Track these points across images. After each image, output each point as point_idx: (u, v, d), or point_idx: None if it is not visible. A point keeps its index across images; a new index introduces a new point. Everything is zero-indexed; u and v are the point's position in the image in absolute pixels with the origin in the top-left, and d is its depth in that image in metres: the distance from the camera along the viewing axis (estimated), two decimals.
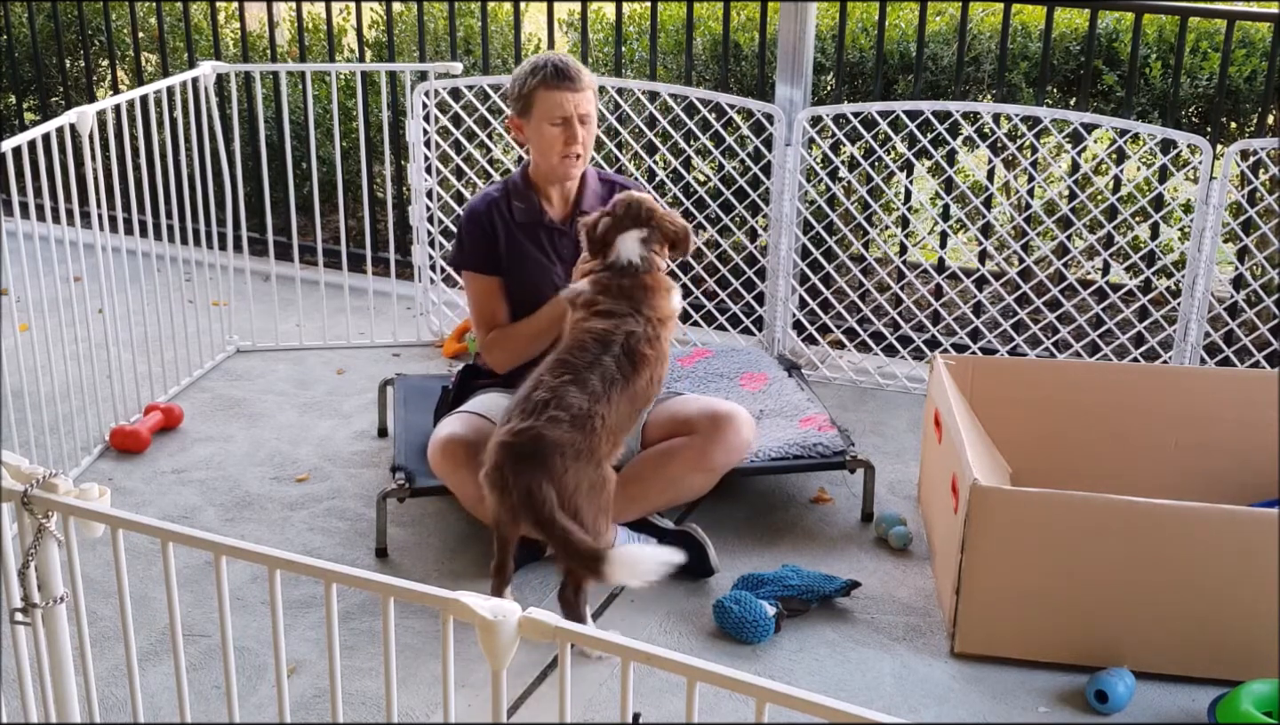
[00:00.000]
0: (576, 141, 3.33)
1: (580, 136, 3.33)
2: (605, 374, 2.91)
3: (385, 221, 5.56)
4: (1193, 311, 4.01)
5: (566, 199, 3.47)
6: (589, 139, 3.38)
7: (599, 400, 2.87)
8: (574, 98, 3.31)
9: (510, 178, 3.49)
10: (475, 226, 3.43)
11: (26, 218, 5.27)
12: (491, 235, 3.41)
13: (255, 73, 4.75)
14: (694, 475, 3.30)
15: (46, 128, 3.61)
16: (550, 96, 3.30)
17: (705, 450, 3.26)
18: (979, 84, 4.78)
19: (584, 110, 3.33)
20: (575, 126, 3.32)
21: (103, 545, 1.92)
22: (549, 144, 3.35)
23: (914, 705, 2.84)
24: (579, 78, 3.32)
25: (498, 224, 3.41)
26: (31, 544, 1.87)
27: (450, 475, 3.21)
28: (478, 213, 3.43)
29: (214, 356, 4.57)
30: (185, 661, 2.05)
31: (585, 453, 2.83)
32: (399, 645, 2.94)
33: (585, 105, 3.33)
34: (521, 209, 3.42)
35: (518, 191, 3.44)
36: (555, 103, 3.30)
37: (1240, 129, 4.66)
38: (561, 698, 1.65)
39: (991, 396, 3.59)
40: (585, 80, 3.34)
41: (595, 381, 2.89)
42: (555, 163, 3.37)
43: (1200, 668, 2.90)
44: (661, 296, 3.06)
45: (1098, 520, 2.85)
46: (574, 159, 3.36)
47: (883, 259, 5.00)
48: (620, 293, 3.02)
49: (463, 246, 3.46)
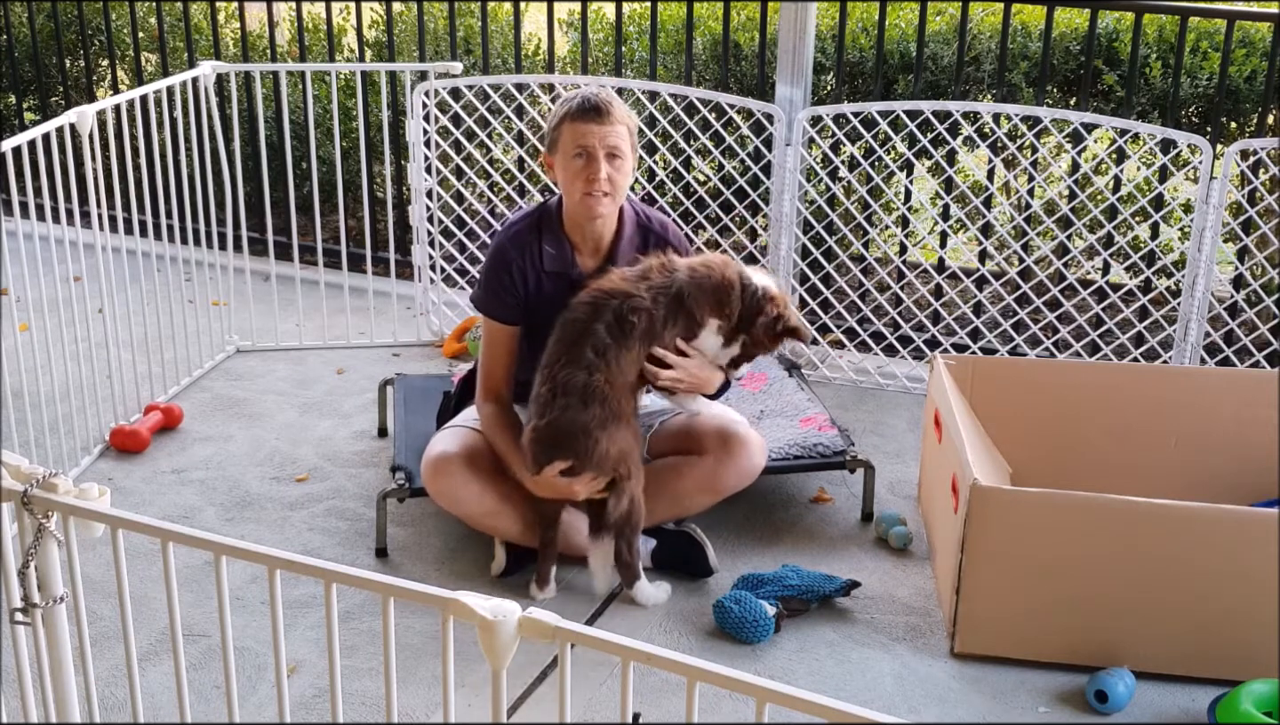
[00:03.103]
0: (598, 176, 3.08)
1: (603, 172, 3.08)
2: (597, 343, 2.99)
3: (385, 221, 5.56)
4: (1193, 311, 4.01)
5: (599, 248, 3.24)
6: (618, 178, 3.12)
7: (596, 368, 2.98)
8: (599, 130, 3.08)
9: (546, 208, 3.26)
10: (501, 271, 3.21)
11: (26, 218, 5.27)
12: (514, 283, 3.21)
13: (255, 73, 4.75)
14: (701, 495, 3.28)
15: (46, 128, 3.61)
16: (574, 129, 3.09)
17: (715, 472, 3.24)
18: (979, 84, 4.78)
19: (611, 144, 3.09)
20: (598, 160, 3.08)
21: (103, 545, 1.92)
22: (571, 178, 3.12)
23: (914, 705, 2.84)
24: (607, 111, 3.09)
25: (527, 268, 3.21)
26: (31, 544, 1.87)
27: (444, 495, 3.19)
28: (506, 255, 3.21)
29: (214, 356, 4.57)
30: (185, 661, 2.05)
31: (605, 419, 2.99)
32: (399, 645, 2.94)
33: (613, 139, 3.09)
34: (552, 256, 3.20)
35: (550, 231, 3.22)
36: (578, 134, 3.09)
37: (1240, 129, 4.66)
38: (561, 698, 1.65)
39: (991, 396, 3.59)
40: (615, 115, 3.10)
41: (589, 353, 2.98)
42: (577, 200, 3.13)
43: (1200, 668, 2.90)
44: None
45: (1098, 520, 2.85)
46: (598, 197, 3.10)
47: (883, 259, 5.00)
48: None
49: (484, 288, 3.26)
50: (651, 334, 3.04)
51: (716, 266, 3.10)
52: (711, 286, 3.07)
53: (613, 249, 3.24)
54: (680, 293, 3.05)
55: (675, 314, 3.06)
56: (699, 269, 3.09)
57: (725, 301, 3.08)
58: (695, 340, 3.11)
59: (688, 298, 3.06)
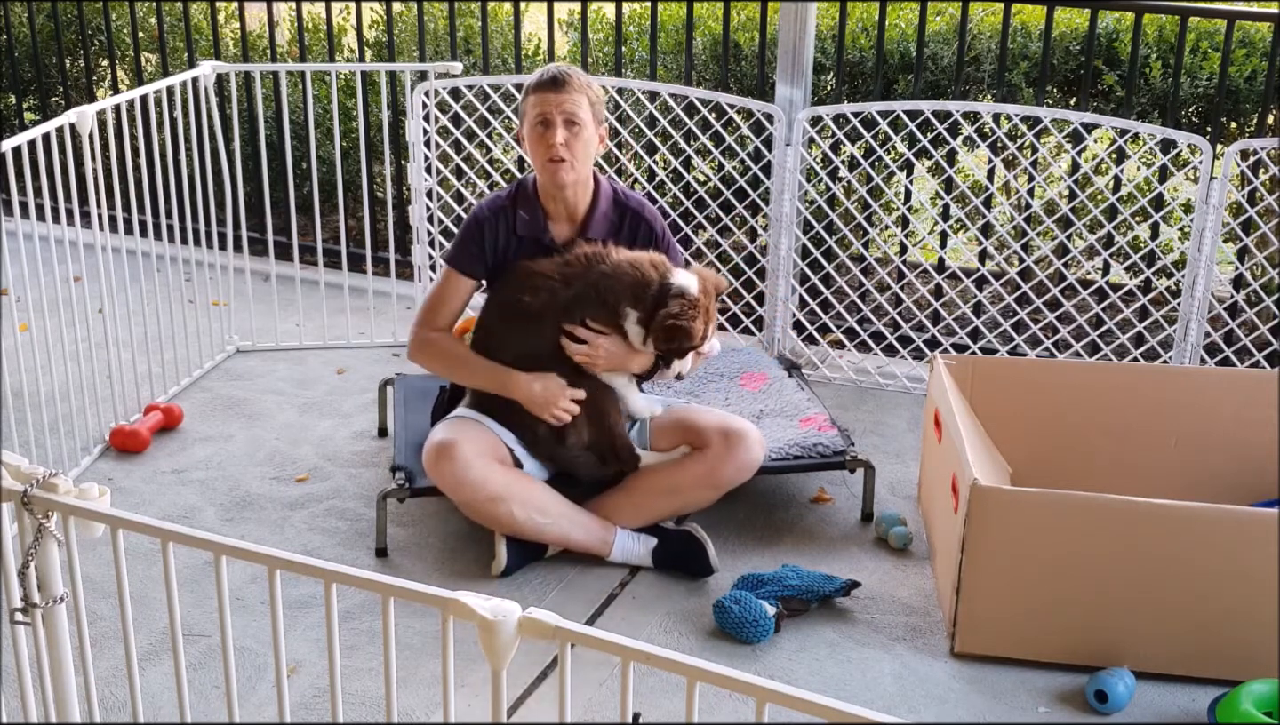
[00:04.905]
0: (554, 141, 3.18)
1: (559, 137, 3.18)
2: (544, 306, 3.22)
3: (385, 221, 5.56)
4: (1193, 311, 4.01)
5: (574, 219, 3.34)
6: (576, 145, 3.21)
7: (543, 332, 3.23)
8: (555, 98, 3.19)
9: (524, 182, 3.38)
10: (475, 229, 3.33)
11: (26, 218, 5.27)
12: (485, 243, 3.32)
13: (255, 73, 4.75)
14: (701, 490, 3.32)
15: (46, 128, 3.61)
16: (535, 99, 3.23)
17: (715, 467, 3.27)
18: (979, 84, 4.78)
19: (568, 110, 3.19)
20: (554, 127, 3.19)
21: (103, 545, 1.92)
22: (534, 146, 3.25)
23: (914, 705, 2.84)
24: (565, 80, 3.20)
25: (500, 231, 3.32)
26: (31, 544, 1.87)
27: (445, 479, 3.20)
28: (482, 217, 3.33)
29: (214, 356, 4.57)
30: (185, 661, 2.05)
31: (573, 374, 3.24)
32: (399, 645, 2.94)
33: (569, 106, 3.19)
34: (525, 221, 3.31)
35: (525, 200, 3.33)
36: (538, 104, 3.21)
37: (1240, 129, 4.66)
38: (561, 698, 1.65)
39: (991, 396, 3.59)
40: (574, 83, 3.21)
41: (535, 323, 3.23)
42: (542, 168, 3.25)
43: (1200, 668, 2.90)
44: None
45: (1098, 520, 2.85)
46: (557, 163, 3.21)
47: (883, 259, 5.00)
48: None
49: (454, 245, 3.39)
50: (554, 310, 3.22)
51: (643, 264, 3.22)
52: (630, 281, 3.19)
53: (586, 220, 3.33)
54: (596, 280, 3.20)
55: (588, 298, 3.20)
56: (623, 264, 3.21)
57: (641, 295, 3.18)
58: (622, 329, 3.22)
59: (603, 286, 3.19)
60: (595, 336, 3.22)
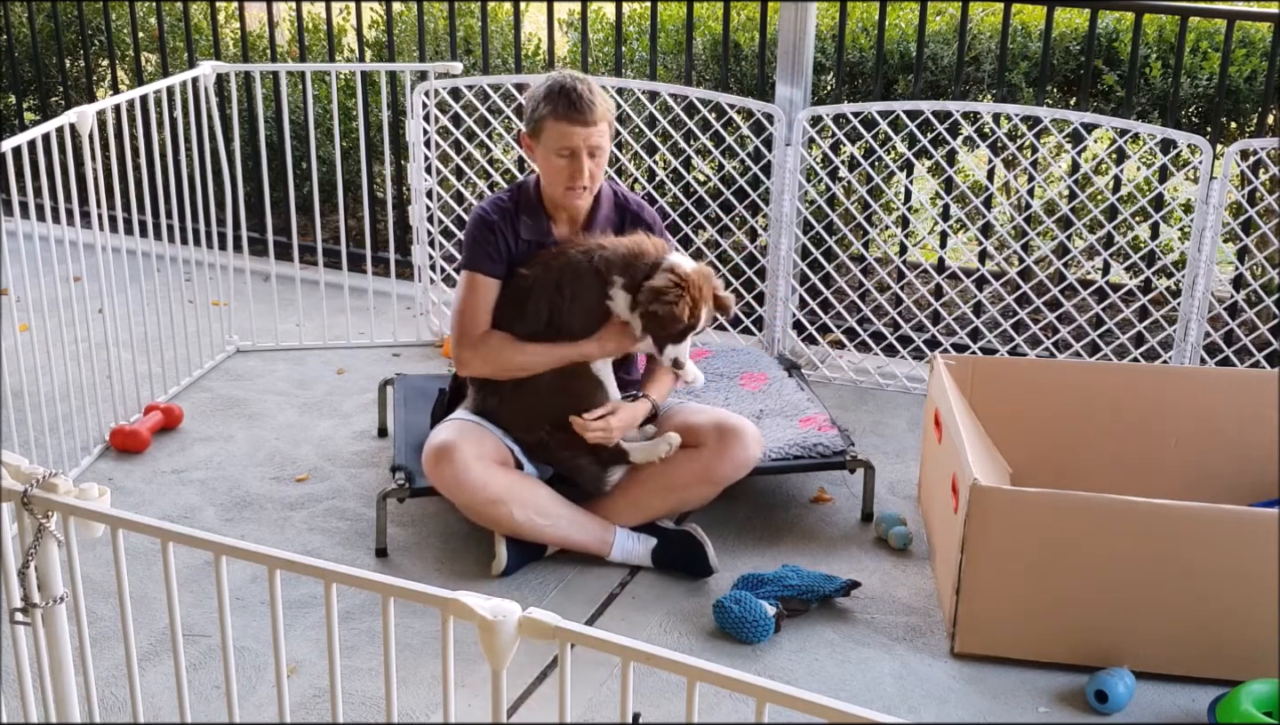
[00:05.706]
0: (582, 176, 3.20)
1: (587, 170, 3.20)
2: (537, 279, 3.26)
3: (385, 221, 5.56)
4: (1193, 311, 4.01)
5: (575, 220, 3.35)
6: (598, 171, 3.25)
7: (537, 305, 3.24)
8: (584, 132, 3.16)
9: (524, 185, 3.37)
10: (485, 229, 3.30)
11: (26, 218, 5.27)
12: (497, 240, 3.30)
13: (255, 73, 4.75)
14: (698, 487, 3.32)
15: (46, 128, 3.61)
16: (559, 128, 3.17)
17: (711, 464, 3.28)
18: (979, 84, 4.78)
19: (594, 143, 3.19)
20: (582, 161, 3.19)
21: (103, 545, 1.92)
22: (555, 174, 3.23)
23: (914, 705, 2.84)
24: (591, 111, 3.16)
25: (506, 231, 3.30)
26: (31, 544, 1.87)
27: (445, 481, 3.19)
28: (490, 219, 3.31)
29: (214, 356, 4.57)
30: (185, 661, 2.05)
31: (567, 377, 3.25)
32: (399, 645, 2.94)
33: (596, 139, 3.18)
34: (529, 225, 3.30)
35: (528, 205, 3.32)
36: (563, 135, 3.17)
37: (1240, 129, 4.66)
38: (561, 698, 1.65)
39: (991, 396, 3.59)
40: (598, 112, 3.18)
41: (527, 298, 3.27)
42: (560, 193, 3.25)
43: (1200, 668, 2.91)
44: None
45: (1098, 520, 2.85)
46: (579, 191, 3.23)
47: (883, 259, 5.00)
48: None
49: (470, 249, 3.33)
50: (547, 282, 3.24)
51: (643, 241, 3.24)
52: (625, 251, 3.21)
53: (588, 223, 3.35)
54: (591, 249, 3.23)
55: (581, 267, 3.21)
56: (623, 241, 3.25)
57: (633, 266, 3.18)
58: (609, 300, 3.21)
59: (597, 255, 3.21)
60: (604, 419, 3.24)
